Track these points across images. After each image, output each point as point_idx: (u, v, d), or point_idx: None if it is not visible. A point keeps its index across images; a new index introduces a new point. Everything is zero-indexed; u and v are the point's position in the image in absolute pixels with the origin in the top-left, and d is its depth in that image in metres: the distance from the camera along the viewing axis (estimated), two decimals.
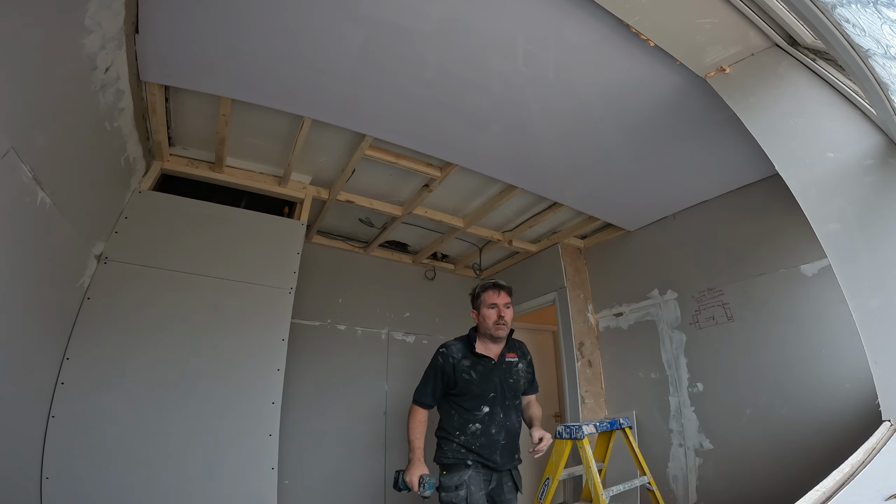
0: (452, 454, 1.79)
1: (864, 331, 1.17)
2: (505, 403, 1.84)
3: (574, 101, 1.96)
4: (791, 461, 2.04)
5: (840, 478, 0.76)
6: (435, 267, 3.95)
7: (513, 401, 1.88)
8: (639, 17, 1.49)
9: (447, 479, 1.75)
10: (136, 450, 1.85)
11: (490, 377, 1.84)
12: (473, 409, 1.81)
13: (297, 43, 1.68)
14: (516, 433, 1.87)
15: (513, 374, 1.90)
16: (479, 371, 1.84)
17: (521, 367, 1.95)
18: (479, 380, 1.83)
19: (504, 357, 1.90)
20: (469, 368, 1.84)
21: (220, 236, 2.36)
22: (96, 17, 1.44)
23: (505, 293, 1.90)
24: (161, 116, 2.08)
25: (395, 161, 2.44)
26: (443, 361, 1.86)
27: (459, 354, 1.87)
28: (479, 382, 1.82)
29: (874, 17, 0.98)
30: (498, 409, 1.82)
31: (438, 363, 1.87)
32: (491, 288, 1.90)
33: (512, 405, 1.87)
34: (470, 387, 1.82)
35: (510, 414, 1.84)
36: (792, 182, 1.40)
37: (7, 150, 1.25)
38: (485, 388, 1.83)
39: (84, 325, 1.88)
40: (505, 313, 1.85)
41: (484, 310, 1.88)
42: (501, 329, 1.85)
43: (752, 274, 2.41)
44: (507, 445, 1.81)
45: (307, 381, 2.93)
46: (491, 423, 1.80)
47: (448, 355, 1.86)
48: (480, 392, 1.82)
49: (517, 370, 1.92)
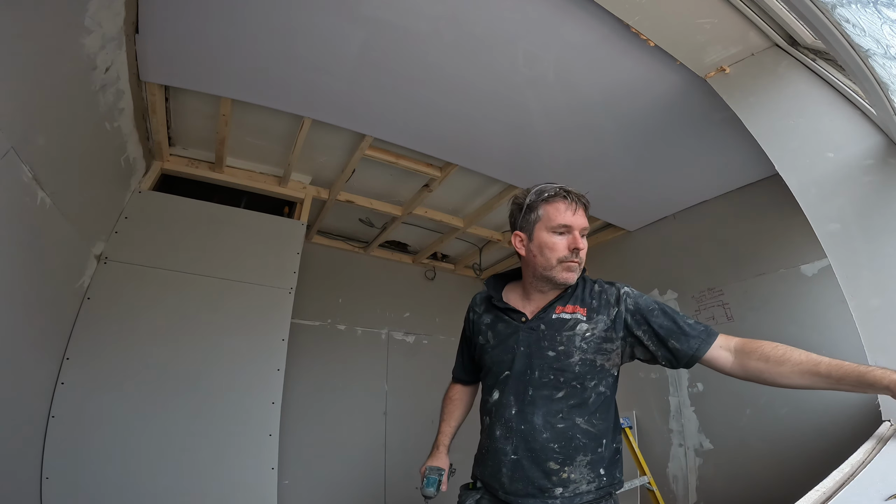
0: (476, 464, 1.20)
1: (864, 331, 1.17)
2: (528, 392, 1.07)
3: (574, 101, 1.96)
4: (791, 461, 2.03)
5: (840, 478, 0.76)
6: (435, 267, 3.95)
7: (550, 390, 1.06)
8: (639, 17, 1.49)
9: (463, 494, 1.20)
10: (136, 450, 1.85)
11: (509, 344, 1.13)
12: (486, 395, 1.19)
13: (298, 43, 1.68)
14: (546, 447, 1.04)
15: (562, 340, 1.07)
16: (498, 332, 1.17)
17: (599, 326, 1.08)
18: (496, 346, 1.16)
19: (550, 311, 1.12)
20: (487, 328, 1.20)
21: (220, 236, 2.36)
22: (96, 17, 1.44)
23: (583, 210, 1.16)
24: (161, 116, 2.08)
25: (395, 161, 2.44)
26: (465, 326, 1.31)
27: (482, 306, 1.25)
28: (493, 351, 1.17)
29: (874, 17, 0.98)
30: (510, 400, 1.09)
31: (463, 330, 1.33)
32: (560, 198, 1.13)
33: (543, 396, 1.06)
34: (483, 356, 1.20)
35: (535, 412, 1.06)
36: (792, 182, 1.40)
37: (7, 150, 1.25)
38: (499, 357, 1.14)
39: (84, 325, 1.88)
40: (581, 244, 1.12)
41: (544, 235, 1.11)
42: (573, 271, 1.11)
43: (752, 274, 2.41)
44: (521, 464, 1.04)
45: (307, 381, 2.93)
46: (497, 420, 1.11)
47: (471, 307, 1.29)
48: (493, 364, 1.16)
49: (577, 334, 1.07)
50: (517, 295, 1.20)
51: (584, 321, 1.09)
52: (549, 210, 1.13)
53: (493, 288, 1.23)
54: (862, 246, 1.23)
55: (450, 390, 1.39)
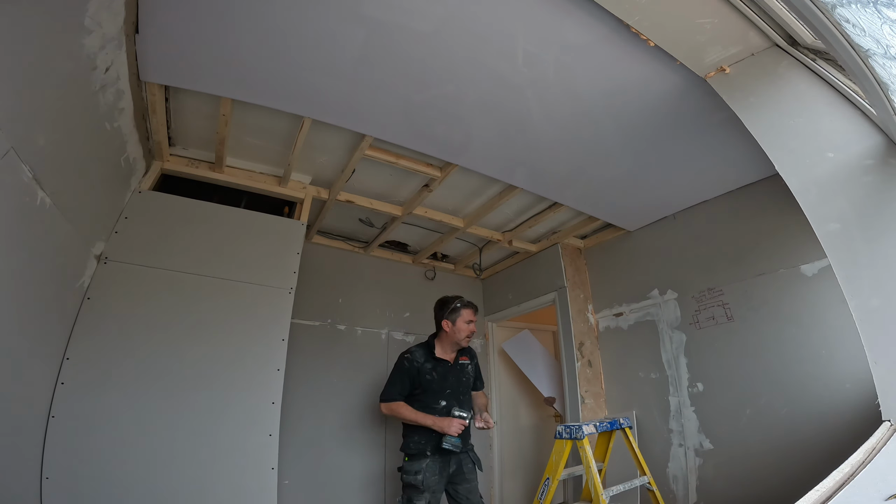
0: (415, 445, 2.14)
1: (864, 331, 1.17)
2: (459, 398, 2.24)
3: (574, 101, 1.96)
4: (791, 461, 2.04)
5: (840, 478, 0.76)
6: (435, 267, 3.95)
7: (466, 395, 2.31)
8: (639, 17, 1.49)
9: (409, 465, 2.11)
10: (136, 450, 1.85)
11: (447, 377, 2.25)
12: (432, 404, 2.18)
13: (298, 43, 1.68)
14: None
15: (465, 373, 2.33)
16: (438, 372, 2.24)
17: (471, 368, 2.38)
18: (439, 379, 2.22)
19: (458, 360, 2.33)
20: (431, 370, 2.23)
21: (221, 236, 2.36)
22: (96, 17, 1.44)
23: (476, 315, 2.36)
24: (161, 116, 2.08)
25: (395, 161, 2.44)
26: (408, 365, 2.22)
27: (422, 359, 2.25)
28: (438, 381, 2.22)
29: (874, 17, 0.98)
30: (453, 402, 2.19)
31: (405, 367, 2.22)
32: (471, 307, 2.32)
33: (465, 399, 2.29)
34: (431, 385, 2.20)
35: (463, 406, 2.20)
36: (792, 182, 1.40)
37: (7, 150, 1.25)
38: (442, 385, 2.22)
39: (84, 325, 1.88)
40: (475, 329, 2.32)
41: (461, 323, 2.26)
42: (469, 341, 2.32)
43: (752, 274, 2.41)
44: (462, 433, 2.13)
45: (307, 381, 2.93)
46: (447, 414, 2.15)
47: (413, 360, 2.24)
48: (438, 389, 2.21)
49: (468, 370, 2.35)
50: (441, 351, 2.30)
51: (469, 364, 2.39)
52: (464, 312, 2.29)
53: (427, 350, 2.29)
54: (862, 246, 1.23)
55: (392, 403, 2.19)
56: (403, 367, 2.22)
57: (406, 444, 2.17)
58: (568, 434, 2.24)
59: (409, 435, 2.18)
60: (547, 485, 2.24)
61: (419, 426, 2.13)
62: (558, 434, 2.28)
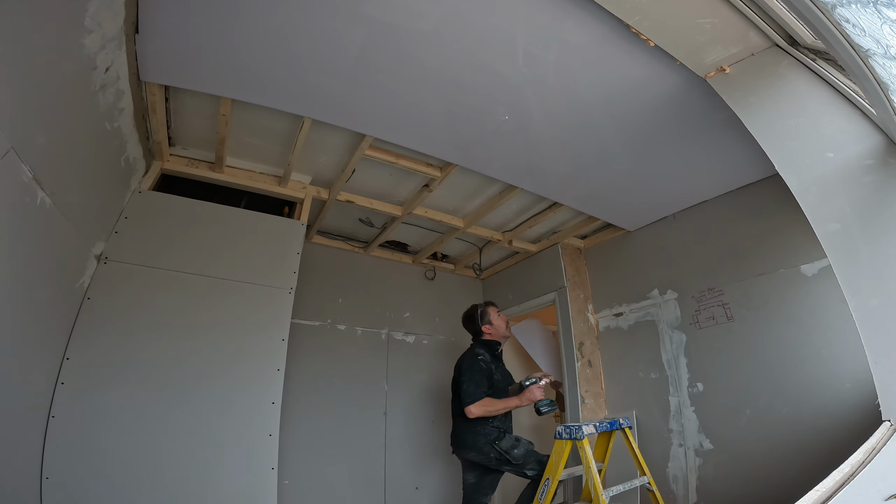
0: (495, 431, 2.30)
1: (864, 331, 1.17)
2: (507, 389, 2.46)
3: (574, 102, 1.96)
4: (791, 461, 2.03)
5: (840, 478, 0.76)
6: (435, 267, 3.95)
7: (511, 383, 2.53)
8: (639, 17, 1.49)
9: (506, 443, 2.28)
10: (136, 450, 1.85)
11: (504, 374, 2.51)
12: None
13: (298, 43, 1.68)
14: None
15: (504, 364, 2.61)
16: (499, 370, 2.47)
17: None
18: (500, 378, 2.43)
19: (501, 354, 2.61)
20: (496, 370, 2.43)
21: (221, 236, 2.36)
22: (96, 17, 1.44)
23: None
24: (161, 116, 2.08)
25: (395, 161, 2.44)
26: (485, 366, 2.37)
27: (490, 359, 2.43)
28: (501, 380, 2.43)
29: (874, 17, 0.98)
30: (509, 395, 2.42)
31: (482, 367, 2.36)
32: (491, 304, 2.67)
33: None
34: (498, 384, 2.39)
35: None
36: (792, 182, 1.40)
37: (7, 150, 1.25)
38: (503, 383, 2.44)
39: (84, 325, 1.88)
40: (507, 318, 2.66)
41: (496, 320, 2.57)
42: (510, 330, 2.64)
43: (752, 274, 2.41)
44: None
45: (307, 381, 2.93)
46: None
47: (485, 360, 2.41)
48: (502, 387, 2.42)
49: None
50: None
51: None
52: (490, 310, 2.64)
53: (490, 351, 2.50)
54: (862, 246, 1.23)
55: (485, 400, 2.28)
56: (481, 367, 2.36)
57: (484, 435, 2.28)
58: (568, 434, 2.24)
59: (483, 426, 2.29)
60: (547, 485, 2.24)
61: (488, 420, 2.30)
62: (558, 434, 2.28)
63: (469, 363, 2.38)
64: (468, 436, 2.34)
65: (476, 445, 2.32)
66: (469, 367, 2.36)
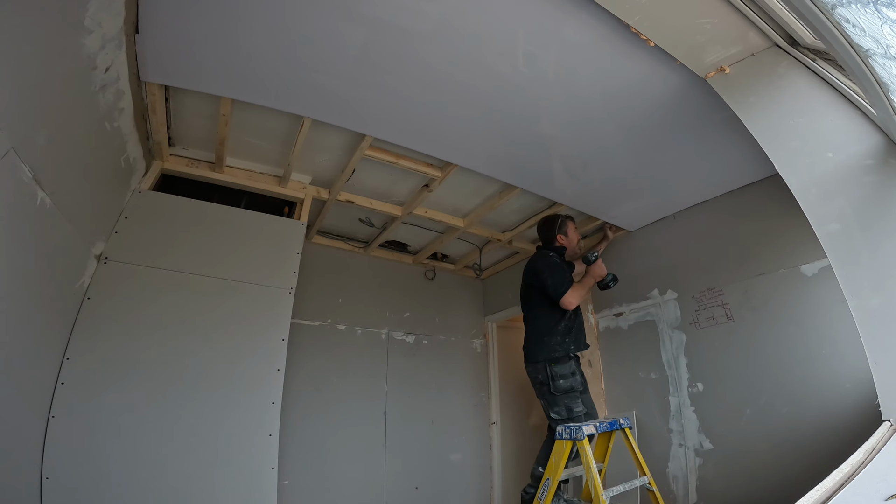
0: (561, 348, 2.21)
1: (864, 331, 1.17)
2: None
3: (574, 101, 1.96)
4: (791, 461, 2.03)
5: (840, 478, 0.76)
6: (435, 267, 3.95)
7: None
8: (639, 17, 1.49)
9: (560, 368, 2.18)
10: (136, 450, 1.85)
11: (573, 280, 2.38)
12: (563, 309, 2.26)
13: (298, 43, 1.68)
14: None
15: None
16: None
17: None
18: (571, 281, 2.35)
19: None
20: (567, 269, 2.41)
21: (220, 236, 2.36)
22: (96, 17, 1.44)
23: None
24: (161, 116, 2.08)
25: (395, 161, 2.44)
26: (560, 261, 2.38)
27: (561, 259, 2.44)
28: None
29: (874, 17, 0.98)
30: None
31: (559, 262, 2.37)
32: (571, 219, 2.62)
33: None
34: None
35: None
36: (792, 182, 1.40)
37: (7, 150, 1.25)
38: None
39: (84, 325, 1.88)
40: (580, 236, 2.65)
41: (572, 235, 2.55)
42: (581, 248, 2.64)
43: (752, 274, 2.41)
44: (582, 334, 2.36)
45: (307, 381, 2.94)
46: (575, 319, 2.30)
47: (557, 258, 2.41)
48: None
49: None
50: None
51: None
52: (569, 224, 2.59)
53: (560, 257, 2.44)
54: (862, 246, 1.23)
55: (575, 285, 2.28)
56: (557, 262, 2.37)
57: (549, 349, 2.20)
58: (568, 434, 2.24)
59: (549, 339, 2.22)
60: (547, 485, 2.24)
61: (556, 331, 2.26)
62: (558, 435, 2.27)
63: (544, 262, 2.36)
64: (532, 346, 2.27)
65: (533, 357, 2.24)
66: (546, 264, 2.33)
